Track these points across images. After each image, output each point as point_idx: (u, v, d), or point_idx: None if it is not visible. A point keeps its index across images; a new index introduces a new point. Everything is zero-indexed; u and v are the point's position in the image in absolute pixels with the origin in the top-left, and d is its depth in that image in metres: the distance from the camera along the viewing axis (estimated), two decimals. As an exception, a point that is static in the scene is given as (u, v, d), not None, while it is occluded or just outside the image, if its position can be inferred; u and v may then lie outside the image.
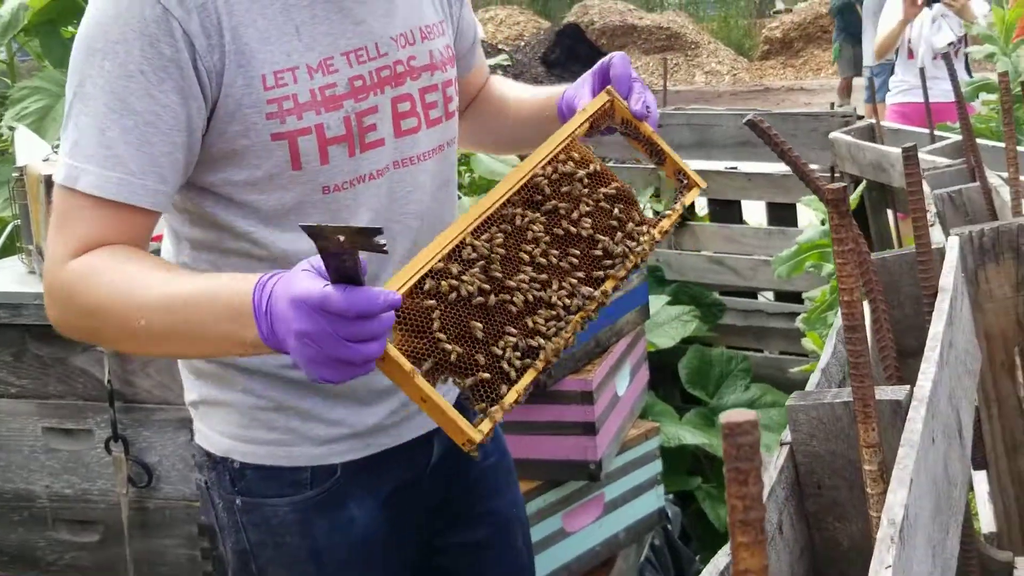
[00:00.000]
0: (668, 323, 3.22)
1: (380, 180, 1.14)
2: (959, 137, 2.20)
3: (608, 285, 1.06)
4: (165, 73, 1.03)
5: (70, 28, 3.04)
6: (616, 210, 1.10)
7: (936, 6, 4.26)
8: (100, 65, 1.04)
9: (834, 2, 12.07)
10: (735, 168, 3.53)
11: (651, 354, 3.05)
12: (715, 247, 3.57)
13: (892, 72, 4.63)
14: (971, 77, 3.96)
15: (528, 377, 0.97)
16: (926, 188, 2.03)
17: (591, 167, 1.11)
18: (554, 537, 1.92)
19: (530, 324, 0.99)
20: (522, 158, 1.18)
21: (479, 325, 0.95)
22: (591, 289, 1.05)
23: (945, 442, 0.87)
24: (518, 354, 0.97)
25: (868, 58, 8.44)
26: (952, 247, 1.22)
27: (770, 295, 3.64)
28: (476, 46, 1.38)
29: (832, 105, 3.85)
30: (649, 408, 2.90)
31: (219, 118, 1.07)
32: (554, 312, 1.01)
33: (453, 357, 0.93)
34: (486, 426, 0.93)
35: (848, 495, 0.85)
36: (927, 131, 2.72)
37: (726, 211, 3.61)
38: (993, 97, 2.83)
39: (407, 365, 0.90)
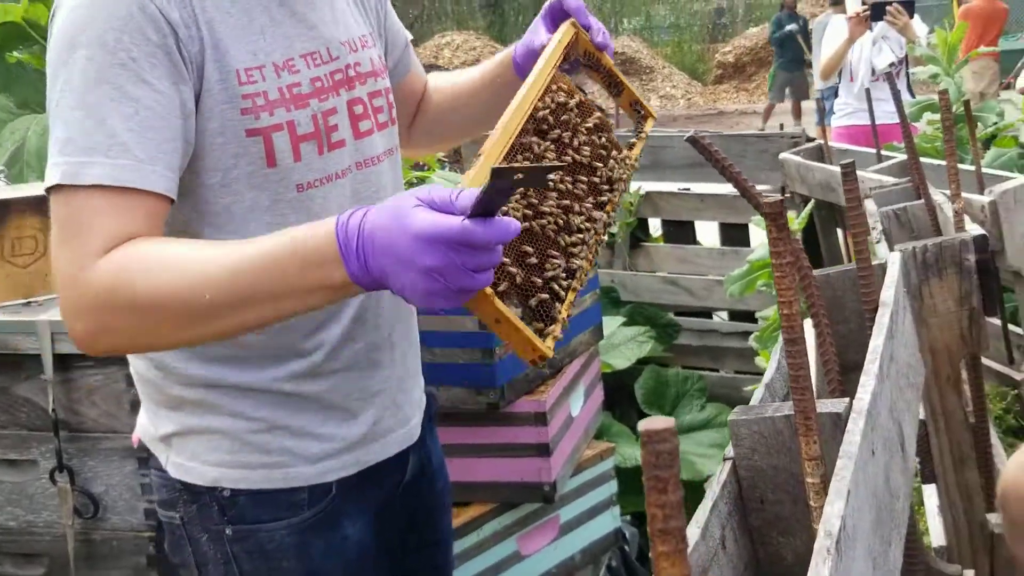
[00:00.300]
0: (624, 344, 3.23)
1: (344, 180, 1.15)
2: (905, 156, 2.23)
3: (608, 209, 1.12)
4: (155, 59, 1.01)
5: (15, 53, 2.99)
6: (603, 139, 1.17)
7: (877, 28, 4.33)
8: (87, 58, 0.99)
9: (774, 33, 12.40)
10: (688, 189, 3.56)
11: (607, 375, 3.05)
12: (669, 268, 3.58)
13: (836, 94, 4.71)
14: (914, 98, 4.03)
15: (571, 296, 1.03)
16: (872, 206, 2.06)
17: (576, 98, 1.17)
18: (509, 560, 1.91)
19: (565, 246, 1.05)
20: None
21: (530, 249, 1.01)
22: (601, 213, 1.11)
23: (886, 454, 0.87)
24: (564, 275, 1.03)
25: (819, 82, 8.63)
26: (894, 262, 1.24)
27: (724, 315, 3.66)
28: (408, 48, 1.41)
29: (781, 127, 3.90)
30: (606, 429, 2.90)
31: (200, 113, 1.05)
32: (580, 236, 1.07)
33: (518, 280, 0.98)
34: (551, 343, 0.98)
35: (791, 509, 0.85)
36: (874, 151, 2.76)
37: (680, 232, 3.64)
38: (938, 117, 2.88)
39: (486, 288, 0.93)
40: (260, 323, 0.99)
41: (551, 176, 1.05)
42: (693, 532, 0.75)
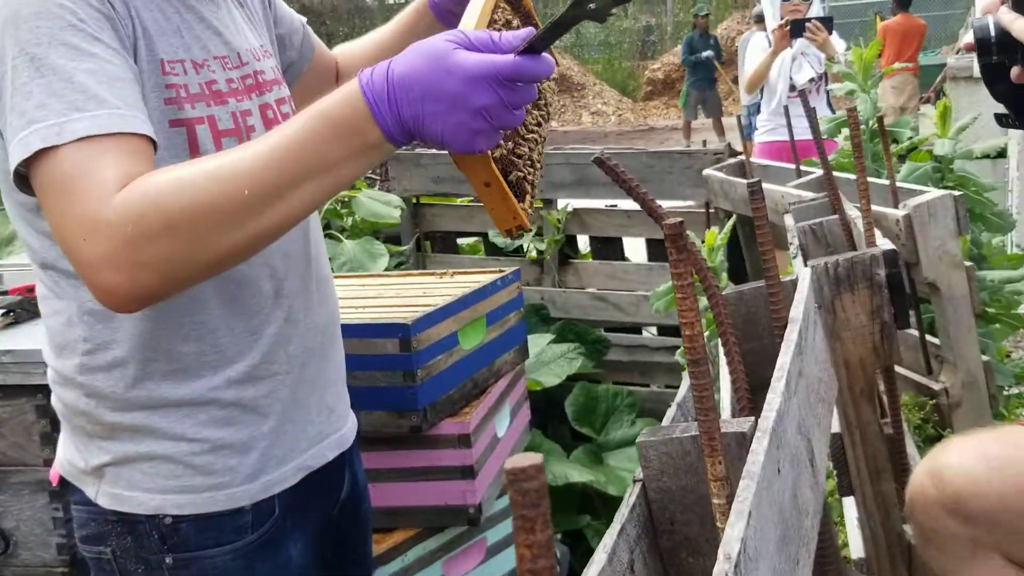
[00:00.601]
0: (554, 361, 3.23)
1: None
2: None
3: (546, 120, 1.21)
4: (103, 23, 0.99)
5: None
6: None
7: (797, 44, 4.42)
8: (34, 27, 0.95)
9: (687, 57, 12.72)
10: (615, 206, 3.58)
11: (538, 393, 3.05)
12: (598, 284, 3.60)
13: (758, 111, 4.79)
14: (834, 113, 4.12)
15: (536, 182, 1.12)
16: (791, 221, 2.08)
17: (515, 22, 1.22)
18: (436, 585, 1.88)
19: (525, 138, 1.12)
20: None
21: (508, 131, 1.08)
22: (544, 121, 1.20)
23: (794, 471, 0.87)
24: (530, 163, 1.10)
25: (745, 97, 8.82)
26: (804, 278, 1.25)
27: (654, 330, 3.69)
28: (307, 29, 1.42)
29: (704, 143, 3.95)
30: (535, 447, 2.90)
31: None
32: (533, 135, 1.14)
33: (503, 152, 1.05)
34: (525, 216, 1.06)
35: (700, 530, 0.84)
36: (794, 167, 2.80)
37: (608, 248, 3.66)
38: (855, 133, 2.94)
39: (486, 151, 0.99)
40: (304, 208, 0.95)
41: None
42: (600, 558, 0.74)
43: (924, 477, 1.21)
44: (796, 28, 4.35)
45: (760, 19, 9.66)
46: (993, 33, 1.34)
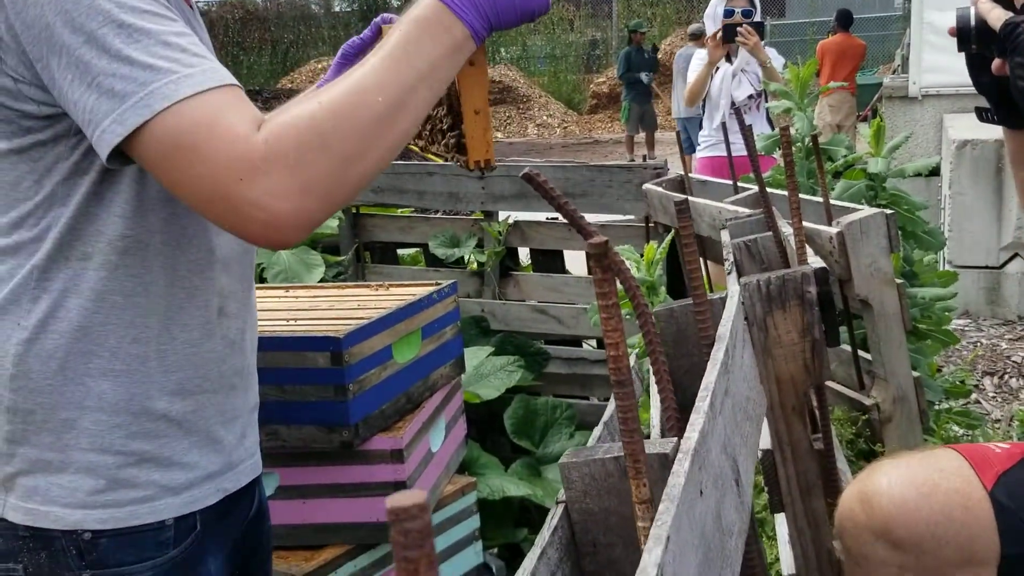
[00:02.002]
0: (493, 374, 3.21)
1: None
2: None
3: None
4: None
5: None
6: None
7: (737, 61, 4.46)
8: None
9: (623, 73, 12.89)
10: (556, 218, 3.58)
11: (477, 405, 3.03)
12: (538, 296, 3.59)
13: (700, 126, 4.83)
14: (773, 129, 4.16)
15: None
16: (726, 237, 2.10)
17: None
18: (367, 603, 1.85)
19: None
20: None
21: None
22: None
23: (717, 492, 0.87)
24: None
25: (677, 111, 8.95)
26: (732, 295, 1.25)
27: (593, 343, 3.69)
28: None
29: (644, 158, 3.98)
30: (474, 460, 2.88)
31: None
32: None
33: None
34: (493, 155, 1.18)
35: (624, 552, 0.83)
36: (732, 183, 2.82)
37: (548, 261, 3.65)
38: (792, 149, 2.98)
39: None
40: (422, 111, 1.01)
41: None
42: (520, 582, 0.73)
43: (854, 502, 1.21)
44: (728, 33, 4.39)
45: (695, 36, 9.83)
46: (973, 23, 1.35)
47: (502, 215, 3.62)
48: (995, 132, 5.11)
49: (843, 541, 1.25)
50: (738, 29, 4.35)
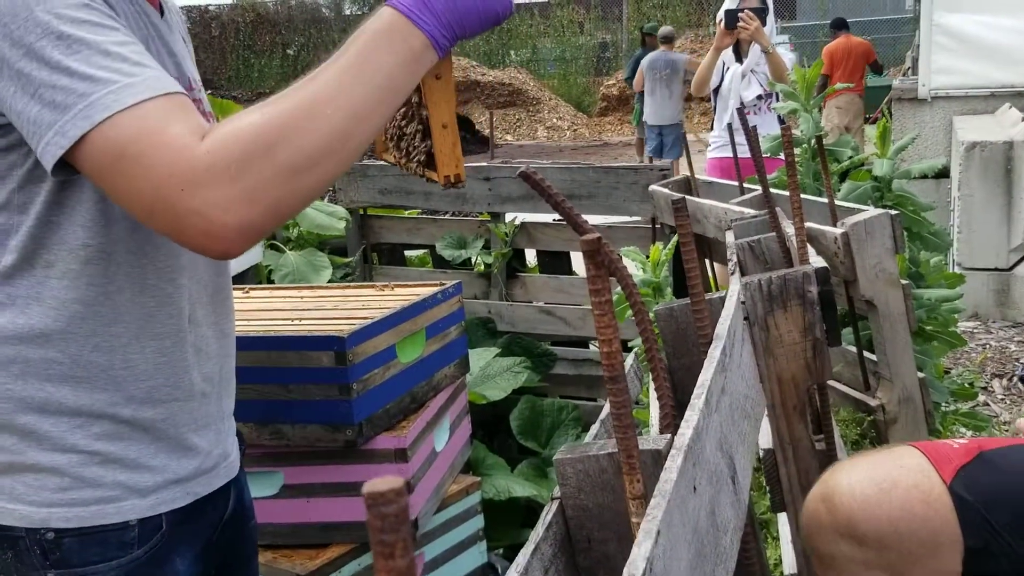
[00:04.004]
0: (500, 375, 3.22)
1: None
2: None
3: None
4: (103, 5, 0.99)
5: None
6: None
7: (747, 61, 4.45)
8: (50, 9, 0.93)
9: (630, 75, 12.80)
10: (563, 221, 3.58)
11: (484, 406, 3.04)
12: (545, 297, 3.60)
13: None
14: (783, 130, 4.14)
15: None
16: (731, 238, 2.10)
17: None
18: (371, 601, 1.86)
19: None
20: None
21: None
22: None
23: (712, 489, 0.87)
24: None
25: (651, 116, 8.90)
26: (732, 295, 1.25)
27: (600, 344, 3.69)
28: None
29: (651, 159, 3.98)
30: (481, 461, 2.89)
31: None
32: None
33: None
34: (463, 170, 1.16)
35: (618, 548, 0.84)
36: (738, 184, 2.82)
37: (555, 262, 3.66)
38: (798, 150, 2.98)
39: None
40: (379, 123, 0.99)
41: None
42: (513, 576, 0.73)
43: (817, 503, 1.22)
44: (730, 19, 4.37)
45: (667, 39, 9.86)
46: None
47: (509, 216, 3.63)
48: (1004, 134, 5.08)
49: (810, 543, 1.26)
50: (739, 15, 4.32)
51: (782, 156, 3.29)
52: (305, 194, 0.95)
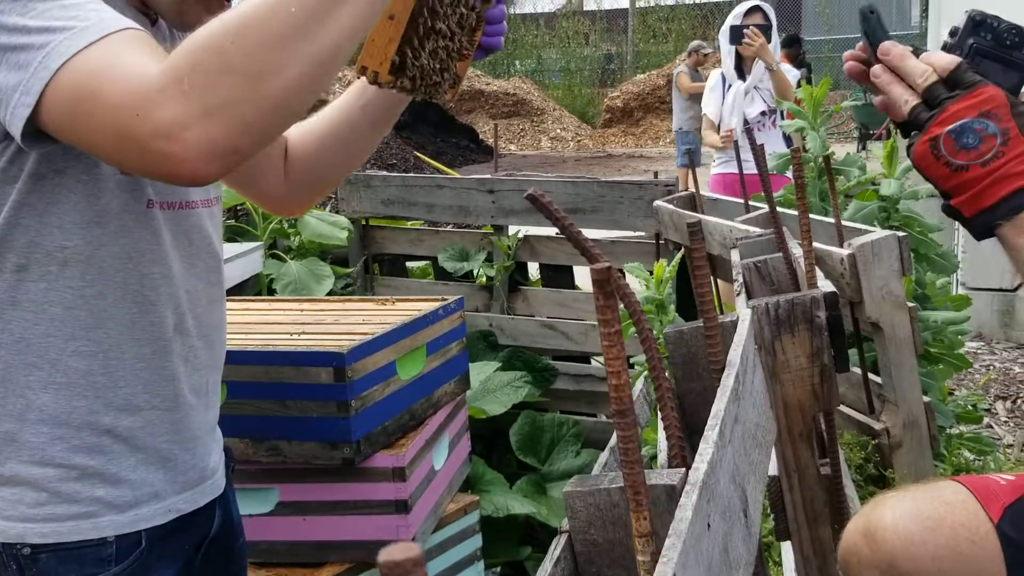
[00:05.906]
0: (500, 389, 3.19)
1: (189, 212, 1.15)
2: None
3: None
4: None
5: None
6: None
7: (750, 78, 4.43)
8: None
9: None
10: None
11: (484, 421, 3.01)
12: (547, 312, 3.57)
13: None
14: (789, 147, 4.13)
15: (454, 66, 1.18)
16: (736, 257, 2.07)
17: None
18: (367, 622, 1.83)
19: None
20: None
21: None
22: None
23: (725, 525, 0.84)
24: (448, 39, 1.15)
25: (676, 122, 8.82)
26: (744, 319, 1.23)
27: (602, 359, 3.66)
28: None
29: (656, 174, 3.96)
30: (479, 477, 2.85)
31: None
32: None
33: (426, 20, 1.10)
34: (388, 79, 1.08)
35: (626, 585, 0.81)
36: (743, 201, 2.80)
37: (558, 276, 3.64)
38: (805, 168, 2.95)
39: None
40: (350, 29, 0.88)
41: None
42: (517, 616, 0.71)
43: (858, 536, 1.19)
44: (735, 35, 4.36)
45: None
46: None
47: (512, 229, 3.60)
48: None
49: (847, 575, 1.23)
50: (744, 31, 4.30)
51: (788, 174, 3.27)
52: (272, 105, 0.86)
